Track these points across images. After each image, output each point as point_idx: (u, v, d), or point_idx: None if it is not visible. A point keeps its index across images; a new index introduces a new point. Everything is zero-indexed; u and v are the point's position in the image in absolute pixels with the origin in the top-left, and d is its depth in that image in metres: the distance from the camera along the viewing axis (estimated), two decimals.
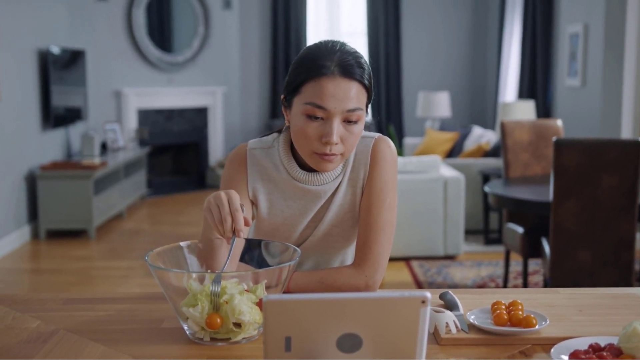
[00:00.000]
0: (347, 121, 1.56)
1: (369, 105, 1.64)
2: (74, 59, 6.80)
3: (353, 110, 1.55)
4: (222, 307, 1.33)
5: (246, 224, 1.43)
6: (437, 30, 8.78)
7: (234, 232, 1.42)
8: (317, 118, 1.54)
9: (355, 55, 1.57)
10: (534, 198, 3.80)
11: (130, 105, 7.83)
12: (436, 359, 1.30)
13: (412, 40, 8.80)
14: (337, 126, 1.54)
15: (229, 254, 1.42)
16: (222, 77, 8.47)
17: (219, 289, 1.34)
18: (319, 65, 1.54)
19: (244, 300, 1.34)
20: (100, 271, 5.18)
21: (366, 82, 1.57)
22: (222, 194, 1.44)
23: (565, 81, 6.44)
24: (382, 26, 8.66)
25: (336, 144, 1.55)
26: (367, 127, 1.69)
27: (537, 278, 4.70)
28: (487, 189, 4.13)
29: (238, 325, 1.34)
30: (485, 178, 5.73)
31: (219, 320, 1.33)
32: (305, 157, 1.60)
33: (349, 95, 1.54)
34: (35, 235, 6.03)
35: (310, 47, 1.60)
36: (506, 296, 1.56)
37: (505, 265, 4.41)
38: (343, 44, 1.60)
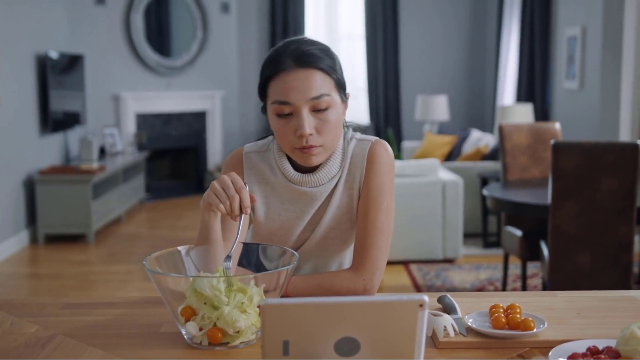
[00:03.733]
0: (317, 110, 1.55)
1: (348, 94, 1.63)
2: (72, 63, 6.80)
3: (318, 97, 1.54)
4: (219, 319, 1.33)
5: (251, 200, 1.47)
6: (435, 34, 8.78)
7: (241, 209, 1.45)
8: (286, 115, 1.55)
9: (313, 44, 1.57)
10: (532, 201, 3.79)
11: (129, 109, 7.83)
12: None
13: (410, 43, 8.80)
14: (306, 117, 1.54)
15: (238, 231, 1.46)
16: (220, 81, 8.46)
17: (230, 265, 1.39)
18: (276, 62, 1.55)
19: (234, 307, 1.33)
20: (98, 275, 5.18)
21: (326, 67, 1.56)
22: (224, 176, 1.47)
23: (564, 84, 6.44)
24: (381, 30, 8.66)
25: (310, 134, 1.55)
26: (365, 131, 1.68)
27: (536, 281, 4.70)
28: (485, 192, 4.13)
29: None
30: (484, 181, 5.73)
31: (220, 334, 1.33)
32: (290, 155, 1.62)
33: (309, 83, 1.53)
34: (33, 239, 6.03)
35: (272, 48, 1.62)
36: (504, 299, 1.57)
37: (504, 268, 4.41)
38: (303, 38, 1.60)
